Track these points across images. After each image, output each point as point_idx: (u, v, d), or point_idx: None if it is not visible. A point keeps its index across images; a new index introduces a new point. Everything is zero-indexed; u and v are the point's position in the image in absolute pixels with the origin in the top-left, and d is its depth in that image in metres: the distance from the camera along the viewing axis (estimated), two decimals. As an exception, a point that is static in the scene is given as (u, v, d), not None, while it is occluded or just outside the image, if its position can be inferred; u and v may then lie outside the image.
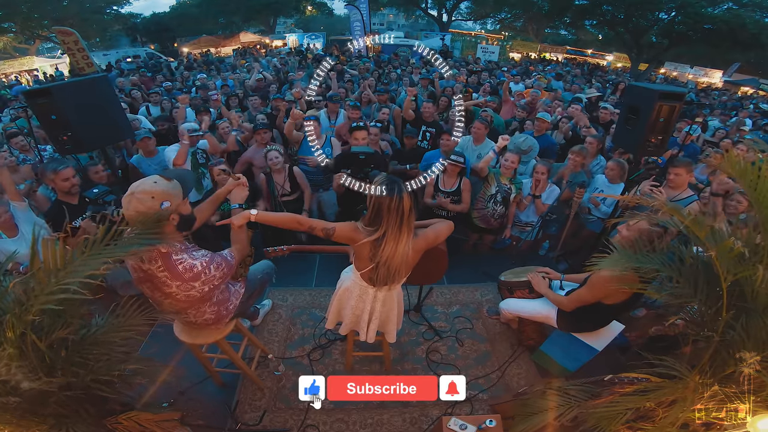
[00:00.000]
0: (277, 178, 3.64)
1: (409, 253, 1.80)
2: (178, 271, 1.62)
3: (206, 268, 1.68)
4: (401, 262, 1.81)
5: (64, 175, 2.75)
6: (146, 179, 1.61)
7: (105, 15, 22.83)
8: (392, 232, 1.73)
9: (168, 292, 1.67)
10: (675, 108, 2.70)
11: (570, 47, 23.50)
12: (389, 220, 1.72)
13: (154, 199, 1.52)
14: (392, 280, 1.91)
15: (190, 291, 1.68)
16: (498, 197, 3.62)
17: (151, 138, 3.92)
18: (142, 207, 1.50)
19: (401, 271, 1.87)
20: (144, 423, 1.49)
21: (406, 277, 2.00)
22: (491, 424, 1.90)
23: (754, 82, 17.20)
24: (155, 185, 1.56)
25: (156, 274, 1.61)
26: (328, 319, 2.33)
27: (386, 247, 1.75)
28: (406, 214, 1.71)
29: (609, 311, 2.19)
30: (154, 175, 1.65)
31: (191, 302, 1.78)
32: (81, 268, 1.26)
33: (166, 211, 1.54)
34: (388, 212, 1.70)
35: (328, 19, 30.86)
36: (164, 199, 1.54)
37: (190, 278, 1.65)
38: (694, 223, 1.43)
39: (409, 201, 1.71)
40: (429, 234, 1.91)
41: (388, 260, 1.78)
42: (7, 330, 1.16)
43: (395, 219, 1.71)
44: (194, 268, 1.64)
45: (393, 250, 1.75)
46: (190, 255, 1.68)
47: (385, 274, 1.85)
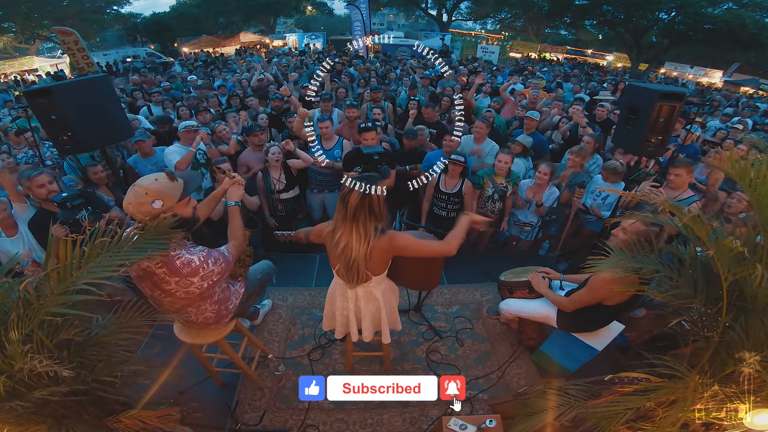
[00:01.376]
0: (273, 174, 3.67)
1: (365, 251, 1.76)
2: (175, 266, 1.62)
3: (204, 262, 1.69)
4: (356, 257, 1.78)
5: (38, 181, 2.61)
6: (151, 175, 1.65)
7: (105, 15, 22.86)
8: (339, 223, 1.76)
9: (167, 290, 1.68)
10: (675, 108, 2.71)
11: (570, 47, 23.53)
12: (338, 210, 1.75)
13: (147, 195, 1.55)
14: (356, 276, 1.86)
15: (189, 287, 1.69)
16: (495, 196, 3.64)
17: (147, 139, 3.91)
18: (134, 200, 1.54)
19: (362, 268, 1.82)
20: (145, 419, 1.49)
21: (382, 275, 1.97)
22: (491, 424, 1.90)
23: (754, 82, 17.20)
24: (154, 183, 1.59)
25: (154, 270, 1.61)
26: (324, 322, 2.34)
27: (337, 238, 1.77)
28: (351, 208, 1.70)
29: (609, 311, 2.19)
30: (160, 172, 1.67)
31: (191, 300, 1.79)
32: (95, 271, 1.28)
33: (156, 209, 1.56)
34: (339, 201, 1.74)
35: (328, 19, 30.89)
36: (157, 197, 1.56)
37: (188, 273, 1.65)
38: (693, 222, 1.43)
39: (357, 198, 1.67)
40: (406, 239, 1.84)
41: (342, 253, 1.79)
42: (10, 330, 1.17)
43: (341, 209, 1.73)
44: (192, 263, 1.65)
45: (343, 242, 1.76)
46: (188, 251, 1.69)
47: (345, 267, 1.84)
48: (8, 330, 1.17)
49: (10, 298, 1.25)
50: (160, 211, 1.57)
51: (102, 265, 1.32)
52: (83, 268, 1.30)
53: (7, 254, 2.71)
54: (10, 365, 1.19)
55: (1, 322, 1.21)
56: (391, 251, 1.85)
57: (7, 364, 1.19)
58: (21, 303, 1.23)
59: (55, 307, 1.22)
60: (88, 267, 1.31)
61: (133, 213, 1.56)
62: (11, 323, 1.17)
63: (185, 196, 1.68)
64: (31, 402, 1.24)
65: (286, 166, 3.74)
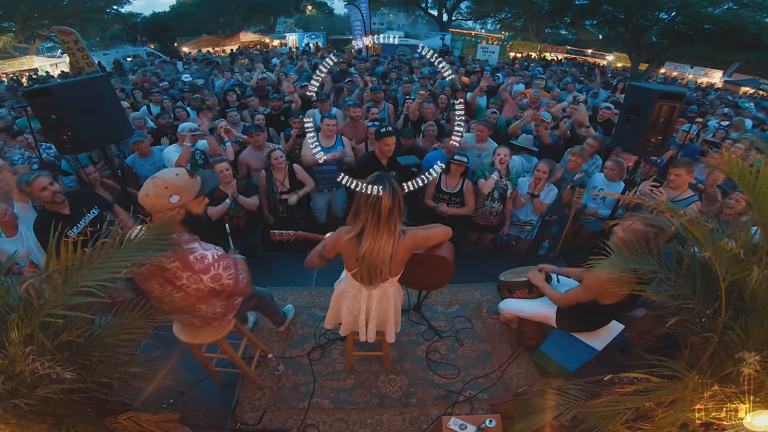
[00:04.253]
0: (277, 175, 3.66)
1: (391, 251, 1.78)
2: (189, 261, 1.63)
3: (216, 261, 1.69)
4: (383, 259, 1.79)
5: (38, 184, 2.49)
6: (172, 169, 1.68)
7: (105, 14, 22.82)
8: (370, 229, 1.73)
9: (179, 285, 1.68)
10: (675, 108, 2.71)
11: (570, 47, 23.51)
12: (366, 217, 1.72)
13: (167, 189, 1.57)
14: (378, 277, 1.88)
15: (199, 284, 1.69)
16: (495, 194, 3.64)
17: (144, 140, 3.90)
18: (152, 192, 1.56)
19: (386, 268, 1.85)
20: (143, 423, 1.49)
21: (399, 275, 1.99)
22: (491, 424, 1.91)
23: (754, 82, 17.21)
24: (175, 177, 1.61)
25: (166, 265, 1.62)
26: (327, 319, 2.33)
27: (364, 243, 1.75)
28: (385, 212, 1.68)
29: (608, 311, 2.19)
30: (180, 168, 1.70)
31: (200, 297, 1.79)
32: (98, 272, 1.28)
33: (173, 204, 1.58)
34: (366, 208, 1.70)
35: (328, 18, 30.86)
36: (175, 192, 1.58)
37: (201, 269, 1.66)
38: (691, 223, 1.43)
39: (390, 200, 1.66)
40: (418, 233, 1.89)
41: (369, 257, 1.77)
42: (10, 330, 1.17)
43: (372, 216, 1.70)
44: (205, 259, 1.66)
45: (371, 246, 1.74)
46: (202, 245, 1.70)
47: (368, 270, 1.84)
48: (9, 330, 1.17)
49: (11, 298, 1.25)
50: (175, 205, 1.59)
51: (106, 266, 1.31)
52: (86, 269, 1.30)
53: (6, 254, 2.71)
54: (12, 367, 1.18)
55: (2, 322, 1.21)
56: (411, 249, 1.88)
57: (9, 365, 1.18)
58: (22, 304, 1.23)
59: (56, 308, 1.21)
60: (91, 268, 1.30)
61: (150, 205, 1.57)
62: (11, 324, 1.17)
63: (201, 193, 1.70)
64: (33, 400, 1.23)
65: (291, 171, 3.75)
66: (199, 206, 1.72)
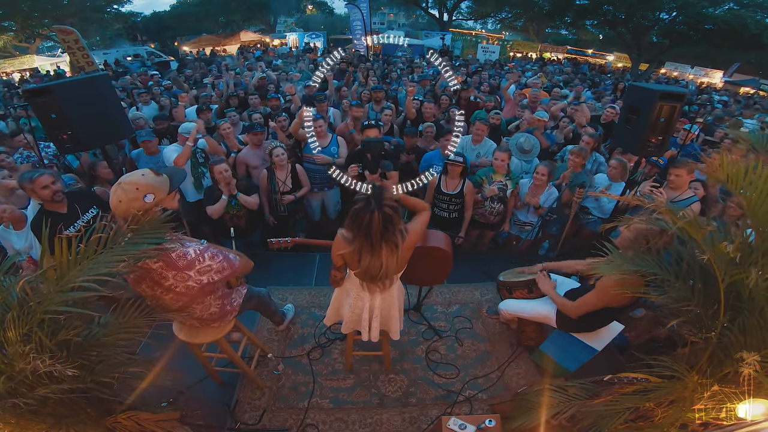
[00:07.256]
0: (279, 174, 3.66)
1: (395, 263, 1.77)
2: (171, 259, 1.63)
3: (200, 255, 1.69)
4: (387, 271, 1.79)
5: (41, 182, 2.50)
6: (135, 172, 1.66)
7: (105, 14, 22.79)
8: (365, 248, 1.72)
9: (167, 285, 1.68)
10: (675, 108, 2.70)
11: (570, 47, 23.50)
12: (360, 237, 1.69)
13: (139, 191, 1.56)
14: (383, 284, 1.91)
15: (187, 281, 1.69)
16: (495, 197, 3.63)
17: (153, 139, 3.91)
18: (125, 197, 1.54)
19: (393, 273, 1.86)
20: (143, 423, 1.49)
21: (401, 273, 2.00)
22: (490, 424, 1.91)
23: (755, 83, 17.18)
24: (142, 178, 1.60)
25: (151, 266, 1.62)
26: (327, 315, 2.33)
27: (364, 261, 1.74)
28: (376, 233, 1.65)
29: (610, 312, 2.19)
30: (145, 168, 1.69)
31: (193, 296, 1.79)
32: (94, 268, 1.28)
33: (148, 203, 1.58)
34: (358, 229, 1.67)
35: (328, 18, 30.87)
36: (148, 191, 1.58)
37: (185, 266, 1.66)
38: (690, 225, 1.43)
39: (379, 221, 1.63)
40: (416, 228, 1.89)
41: (371, 271, 1.77)
42: (8, 329, 1.16)
43: (366, 240, 1.68)
44: (187, 255, 1.66)
45: (371, 263, 1.74)
46: (182, 243, 1.70)
47: (372, 280, 1.86)
48: (6, 330, 1.17)
49: (9, 296, 1.25)
50: (152, 204, 1.59)
51: (100, 261, 1.31)
52: (81, 265, 1.30)
53: (11, 246, 2.76)
54: (11, 366, 1.18)
55: (0, 321, 1.21)
56: (413, 245, 1.89)
57: (8, 365, 1.18)
58: (19, 302, 1.23)
59: (53, 305, 1.21)
60: (85, 264, 1.30)
61: (125, 210, 1.53)
62: (9, 322, 1.17)
63: (173, 189, 1.70)
64: (32, 400, 1.23)
65: (294, 170, 3.74)
66: (172, 202, 1.73)
